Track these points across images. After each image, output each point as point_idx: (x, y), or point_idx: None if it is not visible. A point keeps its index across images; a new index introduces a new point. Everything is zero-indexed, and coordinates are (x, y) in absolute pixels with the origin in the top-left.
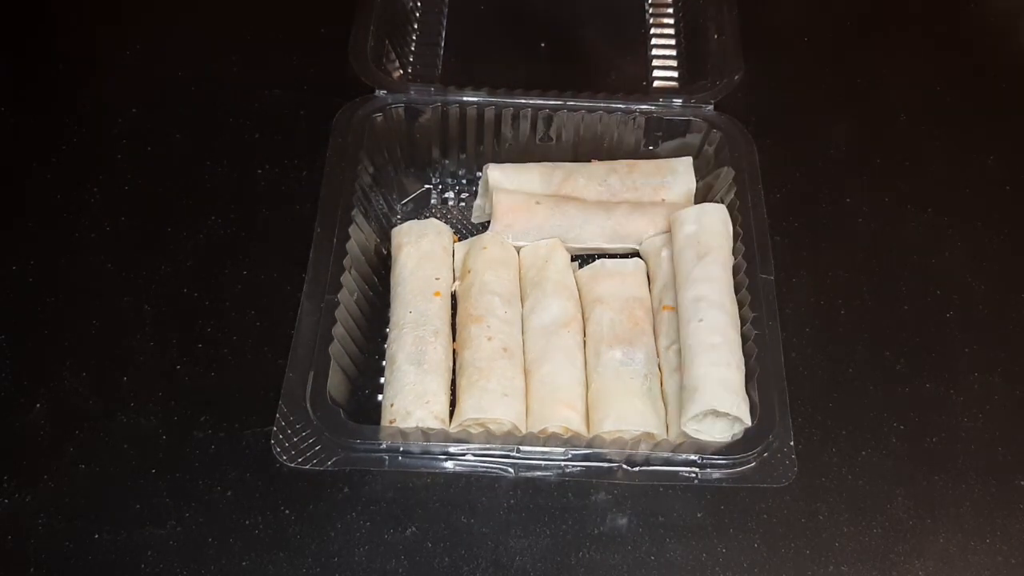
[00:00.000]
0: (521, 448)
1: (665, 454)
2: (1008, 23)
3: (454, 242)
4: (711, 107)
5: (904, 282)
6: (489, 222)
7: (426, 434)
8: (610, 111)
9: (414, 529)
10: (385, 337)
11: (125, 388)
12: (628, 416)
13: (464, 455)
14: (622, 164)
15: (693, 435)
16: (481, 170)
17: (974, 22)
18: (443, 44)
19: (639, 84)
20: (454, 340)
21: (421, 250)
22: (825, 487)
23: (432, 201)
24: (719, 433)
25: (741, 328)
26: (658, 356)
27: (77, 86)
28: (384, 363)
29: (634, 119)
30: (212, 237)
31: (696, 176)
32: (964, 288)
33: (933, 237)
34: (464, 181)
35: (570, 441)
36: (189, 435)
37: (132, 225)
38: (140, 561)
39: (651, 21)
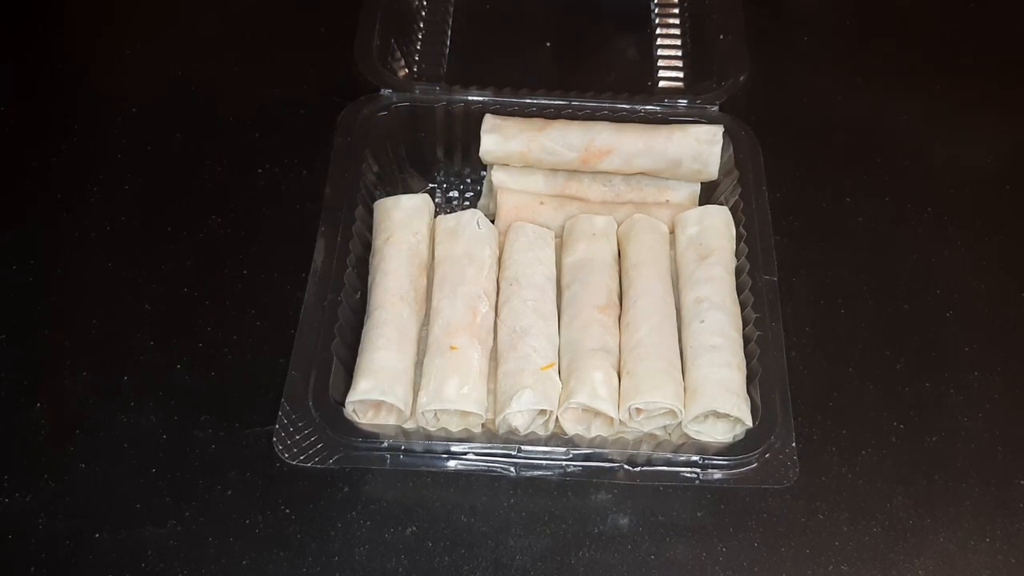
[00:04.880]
0: (523, 448)
1: (667, 455)
2: (1008, 23)
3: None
4: (716, 108)
5: (904, 282)
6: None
7: (428, 433)
8: (615, 111)
9: (414, 528)
10: None
11: (125, 388)
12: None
13: (466, 454)
14: None
15: (694, 436)
16: (485, 169)
17: (974, 22)
18: (449, 43)
19: (644, 84)
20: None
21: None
22: (825, 486)
23: (437, 200)
24: (720, 434)
25: (743, 329)
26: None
27: (77, 86)
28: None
29: (639, 119)
30: (212, 237)
31: None
32: (964, 288)
33: (933, 237)
34: (468, 180)
35: (572, 441)
36: (189, 435)
37: (132, 225)
38: (140, 561)
39: (657, 21)
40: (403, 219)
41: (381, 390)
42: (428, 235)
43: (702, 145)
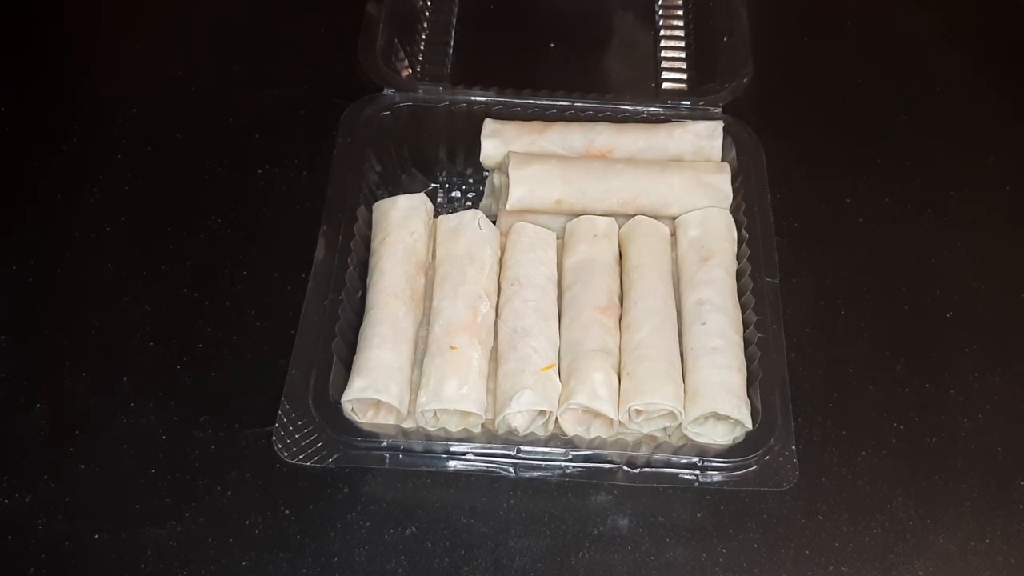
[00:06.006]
0: (522, 448)
1: (666, 456)
2: (1008, 22)
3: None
4: (719, 110)
5: (904, 282)
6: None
7: (428, 433)
8: (618, 112)
9: (414, 529)
10: None
11: (125, 388)
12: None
13: (465, 454)
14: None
15: (694, 438)
16: (488, 170)
17: (974, 22)
18: (452, 43)
19: (648, 86)
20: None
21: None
22: (825, 487)
23: (439, 200)
24: (720, 436)
25: (745, 332)
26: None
27: (77, 86)
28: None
29: (642, 121)
30: (212, 237)
31: None
32: (964, 288)
33: (933, 237)
34: (471, 181)
35: (571, 442)
36: (189, 435)
37: (132, 225)
38: (140, 561)
39: (661, 23)
40: (399, 219)
41: (375, 388)
42: (426, 234)
43: (702, 140)
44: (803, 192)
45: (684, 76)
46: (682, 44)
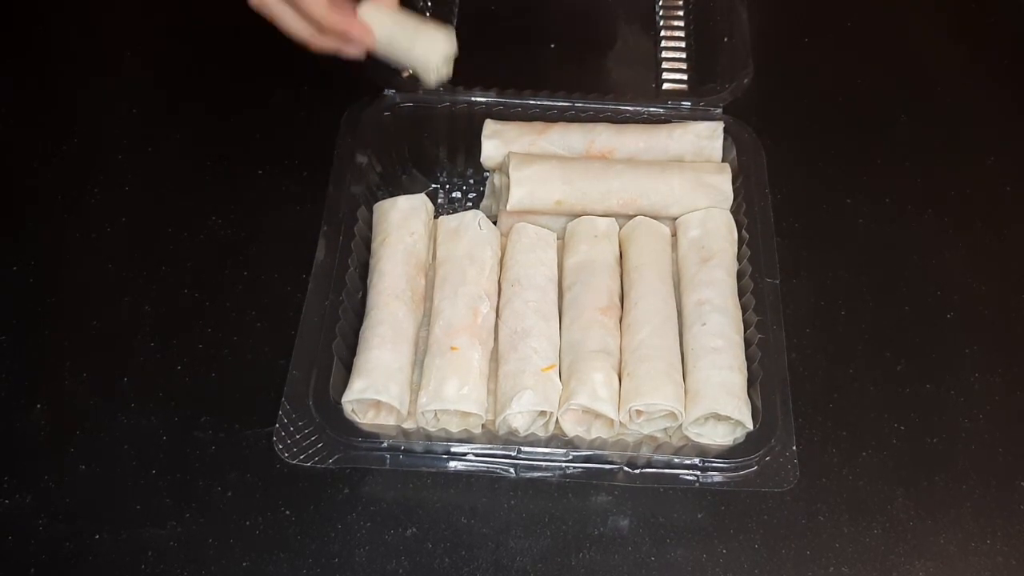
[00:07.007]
0: (523, 449)
1: (667, 457)
2: (1008, 22)
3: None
4: (720, 110)
5: (904, 282)
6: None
7: (428, 433)
8: (618, 113)
9: (414, 530)
10: None
11: (125, 388)
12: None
13: (465, 455)
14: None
15: (695, 438)
16: (489, 170)
17: (974, 22)
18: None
19: (648, 86)
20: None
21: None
22: (825, 488)
23: (440, 200)
24: (721, 436)
25: (745, 332)
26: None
27: (77, 86)
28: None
29: (643, 122)
30: (212, 237)
31: None
32: (964, 288)
33: (933, 237)
34: (471, 181)
35: (572, 442)
36: (189, 435)
37: (132, 225)
38: (140, 561)
39: (661, 23)
40: (399, 220)
41: (376, 389)
42: (426, 235)
43: (703, 140)
44: (803, 192)
45: (684, 76)
46: (682, 44)
